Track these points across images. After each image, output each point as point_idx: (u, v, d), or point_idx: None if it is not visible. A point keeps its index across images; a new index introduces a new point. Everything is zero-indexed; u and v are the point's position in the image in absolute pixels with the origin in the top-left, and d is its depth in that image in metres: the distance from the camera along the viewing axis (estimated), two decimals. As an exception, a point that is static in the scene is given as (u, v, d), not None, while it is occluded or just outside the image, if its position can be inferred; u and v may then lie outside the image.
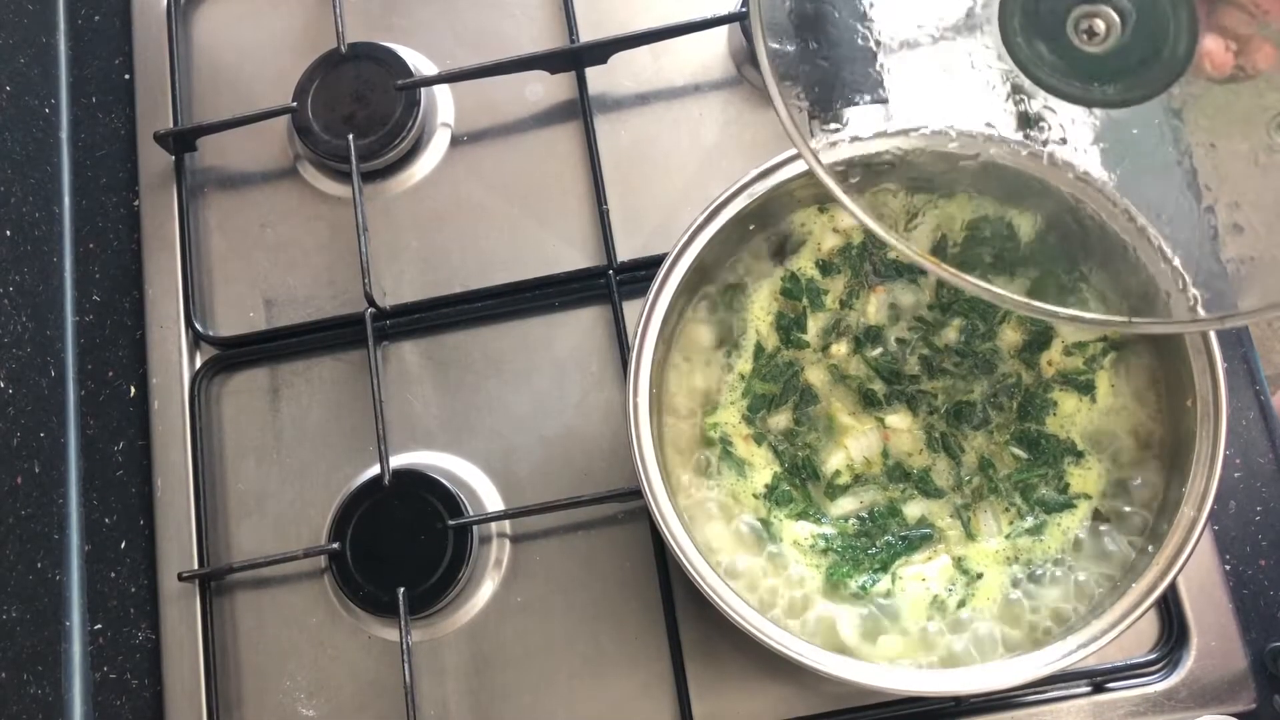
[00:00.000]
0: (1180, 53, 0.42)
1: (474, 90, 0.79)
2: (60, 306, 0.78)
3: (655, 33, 0.76)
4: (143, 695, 0.70)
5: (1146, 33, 0.42)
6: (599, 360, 0.73)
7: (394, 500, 0.69)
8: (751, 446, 0.63)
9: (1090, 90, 0.46)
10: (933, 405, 0.63)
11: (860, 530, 0.61)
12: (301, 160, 0.80)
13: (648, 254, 0.73)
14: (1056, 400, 0.62)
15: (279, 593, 0.71)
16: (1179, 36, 0.42)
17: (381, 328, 0.74)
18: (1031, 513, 0.60)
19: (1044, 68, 0.46)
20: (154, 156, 0.80)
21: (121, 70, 0.84)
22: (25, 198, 0.76)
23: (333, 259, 0.77)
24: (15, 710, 0.65)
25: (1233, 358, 0.70)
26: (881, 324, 0.64)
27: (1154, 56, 0.43)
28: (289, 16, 0.84)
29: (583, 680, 0.68)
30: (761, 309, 0.65)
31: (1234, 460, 0.68)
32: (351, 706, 0.69)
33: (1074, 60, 0.44)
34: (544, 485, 0.71)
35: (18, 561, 0.68)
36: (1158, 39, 0.42)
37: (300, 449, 0.74)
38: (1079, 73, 0.45)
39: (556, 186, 0.77)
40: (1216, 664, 0.64)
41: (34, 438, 0.72)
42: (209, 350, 0.76)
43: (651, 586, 0.68)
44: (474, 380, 0.74)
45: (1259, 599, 0.66)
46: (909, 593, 0.59)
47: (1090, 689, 0.65)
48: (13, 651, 0.66)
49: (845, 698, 0.65)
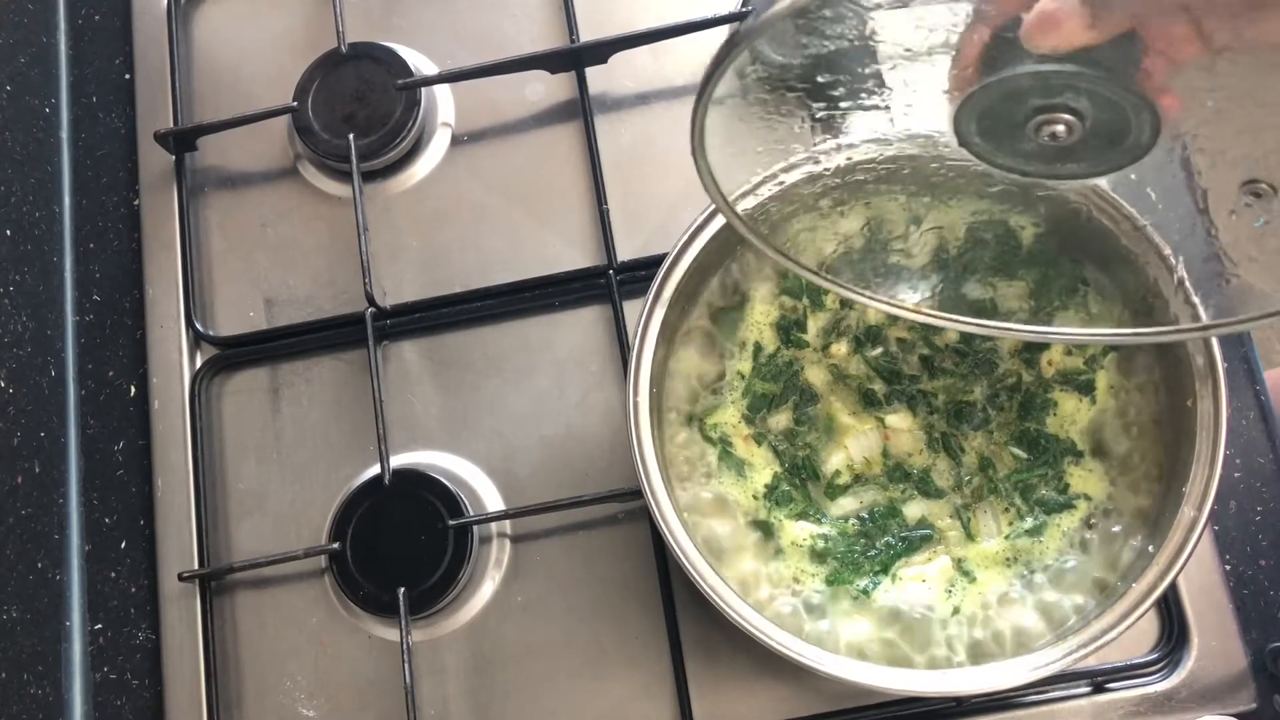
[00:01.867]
0: (1144, 139, 0.43)
1: (474, 90, 0.79)
2: (60, 306, 0.78)
3: (655, 33, 0.76)
4: (143, 695, 0.70)
5: (1108, 126, 0.42)
6: (599, 360, 0.73)
7: (394, 500, 0.69)
8: (751, 446, 0.63)
9: (1055, 169, 0.46)
10: (933, 405, 0.63)
11: (860, 530, 0.61)
12: (302, 160, 0.80)
13: (648, 254, 0.73)
14: (1056, 400, 0.62)
15: (279, 593, 0.71)
16: (1141, 128, 0.42)
17: (382, 327, 0.74)
18: (1031, 513, 0.60)
19: (1007, 159, 0.47)
20: (154, 156, 0.80)
21: (121, 70, 0.84)
22: (25, 198, 0.76)
23: (333, 259, 0.77)
24: (15, 710, 0.65)
25: (1233, 358, 0.70)
26: (881, 324, 0.64)
27: (1118, 143, 0.43)
28: (289, 16, 0.84)
29: (583, 680, 0.68)
30: (761, 309, 0.65)
31: (1234, 460, 0.68)
32: (351, 706, 0.69)
33: (1036, 150, 0.45)
34: (544, 485, 0.71)
35: (18, 561, 0.68)
36: (1120, 130, 0.42)
37: (300, 449, 0.74)
38: (1042, 159, 0.45)
39: (556, 186, 0.77)
40: (1216, 664, 0.64)
41: (34, 438, 0.72)
42: (209, 350, 0.76)
43: (651, 586, 0.68)
44: (474, 380, 0.74)
45: (1259, 599, 0.66)
46: (909, 593, 0.59)
47: (1090, 689, 0.65)
48: (13, 651, 0.66)
49: (845, 698, 0.65)
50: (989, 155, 0.46)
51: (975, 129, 0.45)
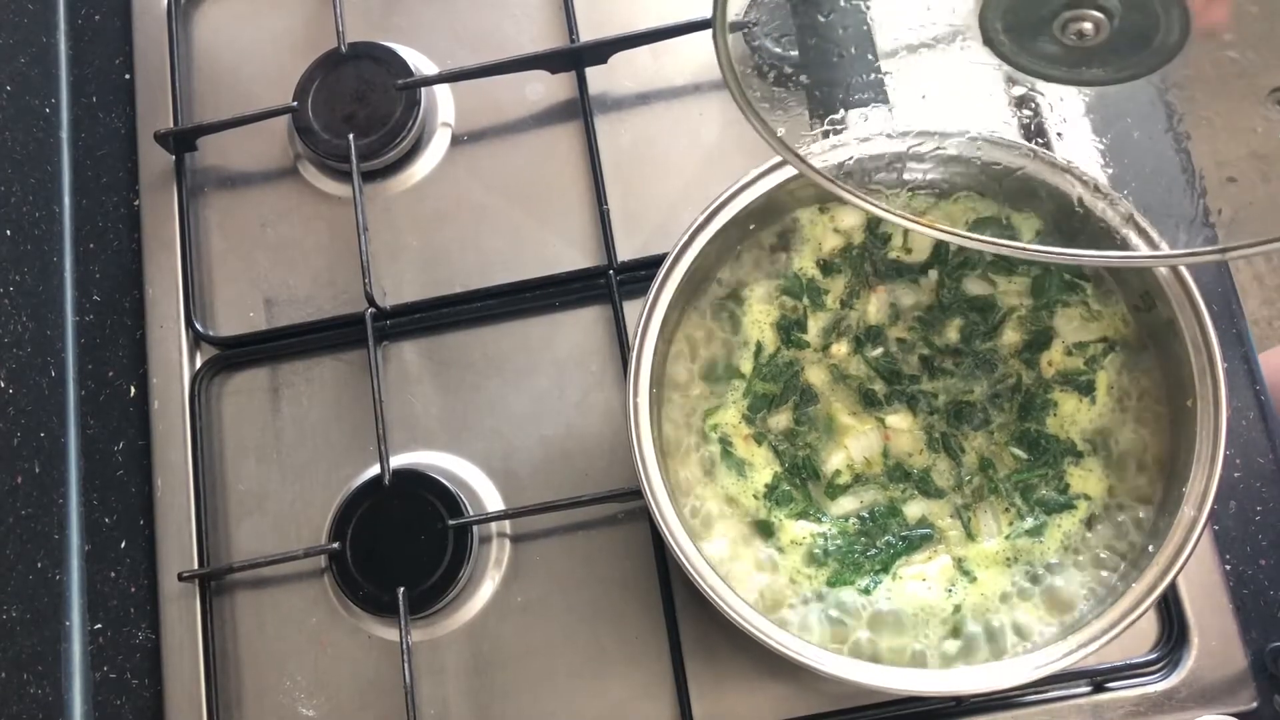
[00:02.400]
0: (1172, 40, 0.41)
1: (474, 90, 0.79)
2: (60, 306, 0.78)
3: (655, 33, 0.76)
4: (143, 695, 0.70)
5: (1136, 25, 0.41)
6: (599, 360, 0.73)
7: (394, 500, 0.69)
8: (752, 446, 0.63)
9: (1079, 74, 0.45)
10: (933, 405, 0.63)
11: (860, 530, 0.61)
12: (302, 160, 0.80)
13: (648, 254, 0.73)
14: (1056, 401, 0.62)
15: (279, 593, 0.71)
16: (1170, 27, 0.41)
17: (382, 328, 0.74)
18: (1031, 513, 0.60)
19: (1030, 61, 0.45)
20: (154, 156, 0.80)
21: (121, 70, 0.84)
22: (25, 198, 0.76)
23: (333, 259, 0.77)
24: (15, 710, 0.65)
25: (1233, 358, 0.70)
26: (882, 324, 0.64)
27: (1144, 45, 0.42)
28: (289, 16, 0.84)
29: (583, 680, 0.68)
30: (762, 309, 0.65)
31: (1234, 460, 0.68)
32: (351, 706, 0.69)
33: (1061, 53, 0.43)
34: (544, 485, 0.71)
35: (18, 561, 0.68)
36: (1149, 30, 0.41)
37: (300, 449, 0.74)
38: (1067, 61, 0.44)
39: (556, 186, 0.77)
40: (1216, 664, 0.64)
41: (34, 438, 0.72)
42: (209, 350, 0.76)
43: (651, 586, 0.68)
44: (474, 380, 0.74)
45: (1259, 599, 0.66)
46: (909, 592, 0.59)
47: (1090, 689, 0.65)
48: (13, 651, 0.66)
49: (845, 698, 0.65)
50: (1013, 55, 0.45)
51: (1001, 26, 0.43)
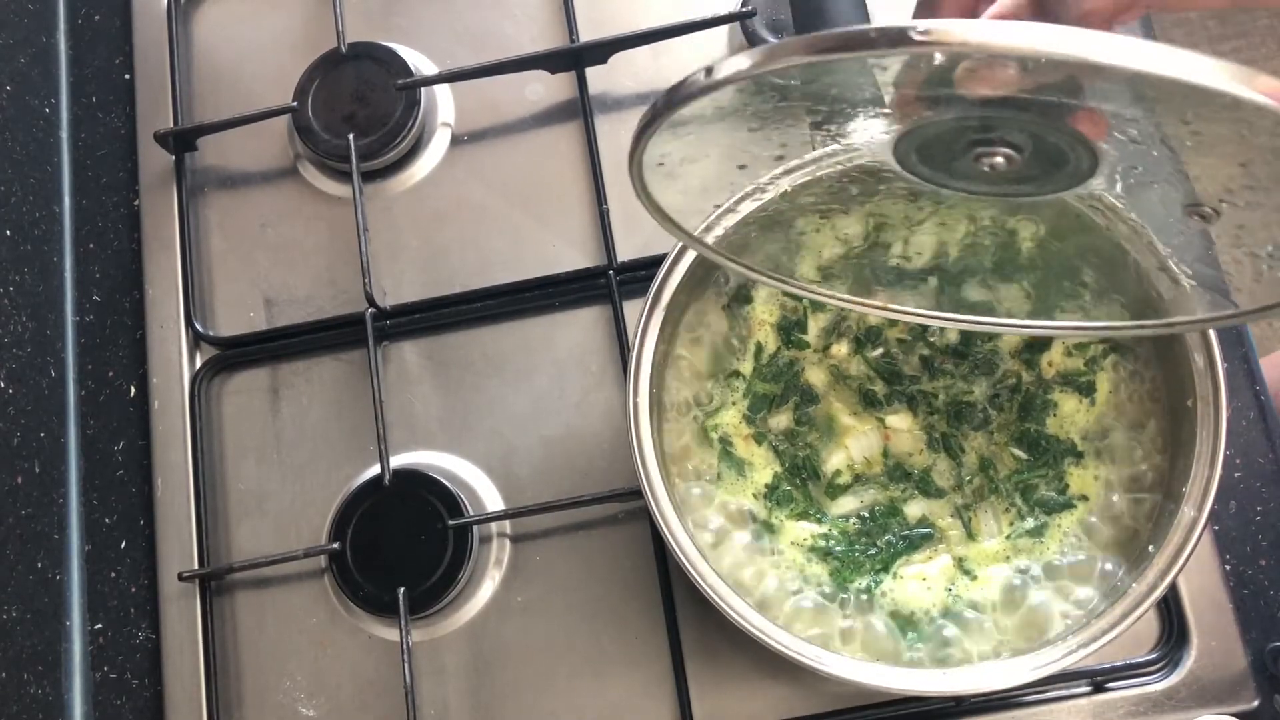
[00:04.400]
0: (1084, 167, 0.42)
1: (474, 90, 0.79)
2: (60, 306, 0.78)
3: (655, 33, 0.76)
4: (143, 695, 0.70)
5: (1048, 155, 0.42)
6: (599, 360, 0.73)
7: (394, 500, 0.69)
8: (752, 446, 0.63)
9: (1002, 189, 0.47)
10: (933, 405, 0.63)
11: (861, 530, 0.61)
12: (302, 160, 0.80)
13: (648, 254, 0.73)
14: (1057, 401, 0.62)
15: (279, 593, 0.71)
16: (1079, 157, 0.42)
17: (382, 328, 0.74)
18: (1032, 514, 0.60)
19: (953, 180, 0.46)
20: (154, 156, 0.80)
21: (121, 70, 0.84)
22: (25, 198, 0.76)
23: (333, 259, 0.77)
24: (15, 710, 0.65)
25: (1233, 358, 0.70)
26: (882, 324, 0.64)
27: (1059, 168, 0.43)
28: (289, 16, 0.84)
29: (583, 680, 0.68)
30: (762, 309, 0.65)
31: (1234, 460, 0.68)
32: (351, 706, 0.69)
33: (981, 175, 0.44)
34: (544, 485, 0.71)
35: (18, 561, 0.68)
36: (1060, 159, 0.42)
37: (300, 449, 0.74)
38: (989, 180, 0.45)
39: (556, 186, 0.77)
40: (1216, 664, 0.64)
41: (34, 438, 0.72)
42: (209, 350, 0.76)
43: (651, 586, 0.68)
44: (474, 380, 0.74)
45: (1259, 599, 0.66)
46: (910, 592, 0.59)
47: (1090, 689, 0.65)
48: (13, 651, 0.66)
49: (845, 698, 0.65)
50: (934, 179, 0.47)
51: (916, 158, 0.45)
